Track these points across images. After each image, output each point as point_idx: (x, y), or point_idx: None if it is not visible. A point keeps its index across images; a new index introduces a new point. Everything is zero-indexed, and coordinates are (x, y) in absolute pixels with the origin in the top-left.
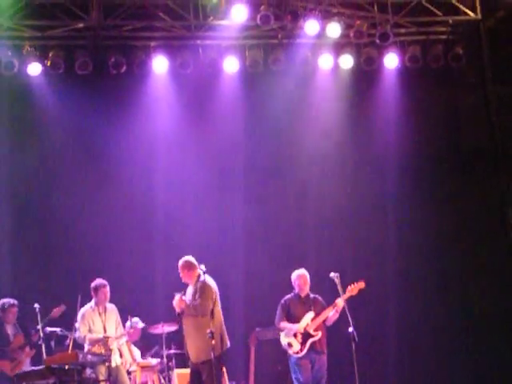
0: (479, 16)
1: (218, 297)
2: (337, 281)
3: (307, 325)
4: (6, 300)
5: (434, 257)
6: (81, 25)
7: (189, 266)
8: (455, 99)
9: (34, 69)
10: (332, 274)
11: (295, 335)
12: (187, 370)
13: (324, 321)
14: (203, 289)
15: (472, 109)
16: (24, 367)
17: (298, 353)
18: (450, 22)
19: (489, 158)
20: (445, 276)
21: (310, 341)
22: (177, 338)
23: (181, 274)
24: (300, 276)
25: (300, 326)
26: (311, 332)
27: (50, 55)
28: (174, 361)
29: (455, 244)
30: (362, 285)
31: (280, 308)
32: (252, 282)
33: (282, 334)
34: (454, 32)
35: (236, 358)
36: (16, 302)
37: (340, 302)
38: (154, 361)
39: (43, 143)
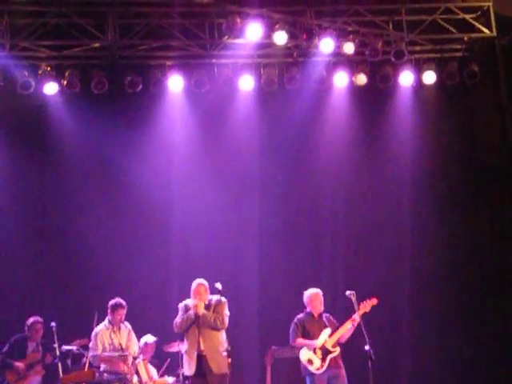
0: (494, 33)
1: None
2: (353, 299)
3: (325, 341)
4: (32, 318)
5: (448, 274)
6: (97, 44)
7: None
8: (470, 116)
9: (51, 88)
10: (348, 293)
11: (314, 351)
12: None
13: (339, 338)
14: (225, 304)
15: (487, 126)
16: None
17: (319, 369)
18: (466, 39)
19: (504, 175)
20: (460, 293)
21: (329, 357)
22: None
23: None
24: (315, 295)
25: (319, 342)
26: (330, 348)
27: (66, 75)
28: (190, 379)
29: (471, 261)
30: (374, 301)
31: (294, 326)
32: (268, 299)
33: (302, 351)
34: (469, 49)
35: (252, 377)
36: (41, 320)
37: (356, 317)
38: (171, 379)
39: (59, 162)
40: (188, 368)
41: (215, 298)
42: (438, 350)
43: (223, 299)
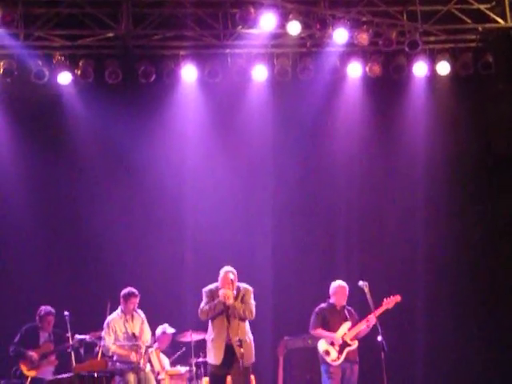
0: (509, 23)
1: None
2: (366, 289)
3: (344, 334)
4: (43, 307)
5: (462, 266)
6: (111, 34)
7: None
8: (485, 107)
9: (64, 78)
10: (361, 283)
11: (332, 343)
12: None
13: (358, 332)
14: (251, 293)
15: (502, 117)
16: (43, 373)
17: (335, 360)
18: (480, 29)
19: None
20: (474, 284)
21: (346, 350)
22: (205, 346)
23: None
24: (341, 288)
25: (338, 335)
26: (348, 341)
27: (80, 64)
28: (202, 369)
29: (486, 255)
30: (398, 298)
31: (315, 315)
32: (280, 290)
33: (321, 341)
34: (483, 40)
35: (264, 368)
36: (53, 310)
37: (372, 318)
38: (183, 369)
39: (73, 151)
40: (214, 357)
41: (243, 286)
42: (452, 341)
43: (250, 288)
